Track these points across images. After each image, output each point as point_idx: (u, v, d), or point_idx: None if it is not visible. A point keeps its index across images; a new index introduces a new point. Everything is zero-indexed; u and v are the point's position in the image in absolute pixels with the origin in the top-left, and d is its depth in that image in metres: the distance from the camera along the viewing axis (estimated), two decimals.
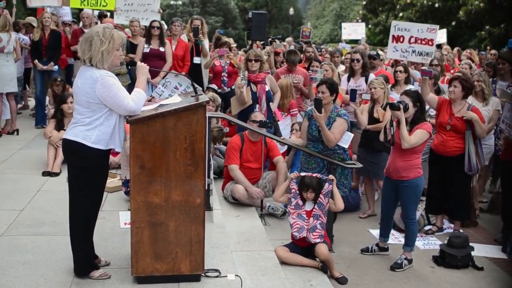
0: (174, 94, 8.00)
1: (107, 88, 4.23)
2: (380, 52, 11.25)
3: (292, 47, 12.29)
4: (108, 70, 4.35)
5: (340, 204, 5.91)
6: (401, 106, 5.82)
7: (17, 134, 9.80)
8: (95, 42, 4.25)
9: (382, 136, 6.25)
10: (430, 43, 8.85)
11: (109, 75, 4.29)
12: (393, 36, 9.04)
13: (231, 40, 12.06)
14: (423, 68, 7.50)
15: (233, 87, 9.18)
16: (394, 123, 6.00)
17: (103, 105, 4.28)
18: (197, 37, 9.90)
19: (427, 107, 6.85)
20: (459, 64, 11.90)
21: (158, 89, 8.39)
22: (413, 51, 8.95)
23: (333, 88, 6.49)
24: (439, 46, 15.84)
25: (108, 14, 12.27)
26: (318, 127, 6.37)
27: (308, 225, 5.72)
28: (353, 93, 7.53)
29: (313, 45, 12.40)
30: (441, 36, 16.20)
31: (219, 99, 8.81)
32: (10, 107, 9.92)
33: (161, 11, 11.45)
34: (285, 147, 7.75)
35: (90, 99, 4.26)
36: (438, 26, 9.18)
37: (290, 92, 8.42)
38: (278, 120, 8.20)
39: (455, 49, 15.64)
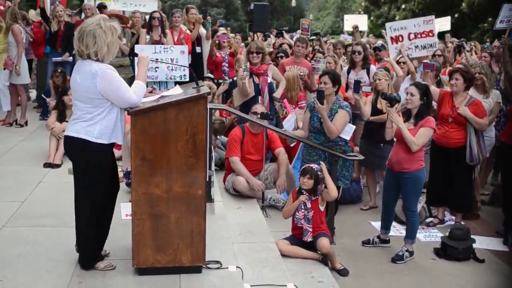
0: (165, 62, 8.17)
1: (109, 82, 4.17)
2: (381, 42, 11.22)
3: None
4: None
5: (332, 191, 5.83)
6: (394, 98, 5.85)
7: (26, 125, 9.87)
8: (99, 35, 4.17)
9: (387, 135, 6.24)
10: (430, 34, 8.76)
11: (109, 67, 4.23)
12: (392, 37, 8.94)
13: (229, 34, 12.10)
14: (425, 61, 7.47)
15: (235, 78, 9.20)
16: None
17: (105, 100, 4.22)
18: (205, 19, 9.99)
19: None
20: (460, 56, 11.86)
21: (158, 47, 8.55)
22: (416, 47, 8.85)
23: (335, 79, 6.48)
24: (442, 37, 15.73)
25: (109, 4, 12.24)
26: (320, 118, 6.36)
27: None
28: (356, 84, 7.50)
29: (321, 38, 12.39)
30: (445, 23, 16.00)
31: (215, 87, 8.84)
32: (21, 99, 10.03)
33: None
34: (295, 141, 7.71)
35: (91, 94, 4.19)
36: (433, 16, 9.07)
37: (297, 84, 8.35)
38: (287, 113, 8.16)
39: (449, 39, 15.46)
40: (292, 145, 7.68)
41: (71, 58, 10.38)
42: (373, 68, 8.52)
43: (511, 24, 9.81)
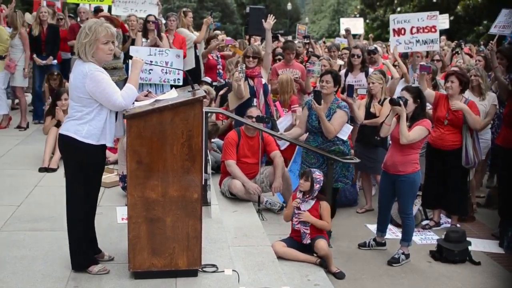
0: (159, 64, 8.24)
1: (96, 83, 4.24)
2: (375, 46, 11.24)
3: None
4: (99, 64, 4.35)
5: (326, 227, 5.87)
6: (401, 102, 5.82)
7: (27, 127, 9.92)
8: (81, 34, 4.31)
9: (382, 131, 6.25)
10: (433, 30, 8.74)
11: (98, 69, 4.30)
12: (394, 30, 8.92)
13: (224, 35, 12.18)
14: (422, 63, 7.49)
15: (227, 80, 9.24)
16: (394, 119, 6.01)
17: (94, 100, 4.29)
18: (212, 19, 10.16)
19: None
20: (456, 59, 11.90)
21: (153, 50, 8.56)
22: (417, 41, 8.84)
23: (337, 79, 6.50)
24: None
25: (106, 7, 12.24)
26: (318, 117, 6.36)
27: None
28: (350, 88, 7.51)
29: (312, 40, 12.39)
30: (443, 21, 15.98)
31: (214, 92, 8.85)
32: (21, 102, 10.09)
33: (160, 3, 11.44)
34: (287, 143, 7.71)
35: (80, 93, 4.28)
36: (438, 12, 9.06)
37: (290, 87, 8.37)
38: (280, 116, 8.18)
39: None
40: (282, 148, 7.67)
41: (55, 61, 10.36)
42: (371, 71, 8.52)
43: (502, 31, 9.84)
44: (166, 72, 8.77)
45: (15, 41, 9.73)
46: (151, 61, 8.15)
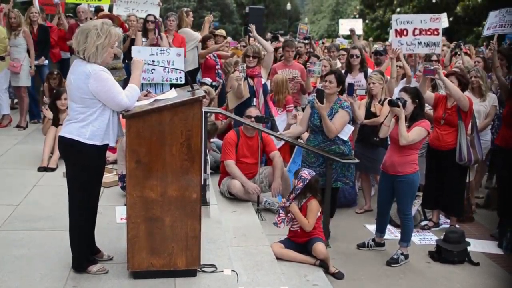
0: (161, 64, 8.23)
1: (101, 82, 4.20)
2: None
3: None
4: (101, 65, 4.32)
5: (303, 224, 5.80)
6: (400, 103, 5.83)
7: (27, 127, 9.91)
8: (92, 35, 4.22)
9: (381, 132, 6.25)
10: (435, 32, 8.68)
11: (102, 69, 4.26)
12: (396, 30, 8.85)
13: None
14: (426, 66, 7.47)
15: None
16: (393, 119, 6.01)
17: (97, 100, 4.26)
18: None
19: None
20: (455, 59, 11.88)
21: (155, 49, 8.54)
22: (419, 43, 8.77)
23: (340, 79, 6.50)
24: None
25: (107, 7, 12.23)
26: (320, 116, 6.37)
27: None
28: (350, 87, 7.50)
29: (312, 41, 12.38)
30: (443, 20, 15.96)
31: (214, 92, 8.85)
32: (23, 102, 10.02)
33: (161, 4, 11.43)
34: (282, 142, 7.72)
35: (83, 94, 4.23)
36: (441, 15, 9.03)
37: (286, 88, 8.36)
38: (274, 116, 8.18)
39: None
40: (278, 147, 7.66)
41: (46, 61, 10.35)
42: (370, 72, 8.51)
43: (497, 30, 9.81)
44: (168, 71, 8.78)
45: (19, 40, 9.67)
46: (153, 61, 8.14)
